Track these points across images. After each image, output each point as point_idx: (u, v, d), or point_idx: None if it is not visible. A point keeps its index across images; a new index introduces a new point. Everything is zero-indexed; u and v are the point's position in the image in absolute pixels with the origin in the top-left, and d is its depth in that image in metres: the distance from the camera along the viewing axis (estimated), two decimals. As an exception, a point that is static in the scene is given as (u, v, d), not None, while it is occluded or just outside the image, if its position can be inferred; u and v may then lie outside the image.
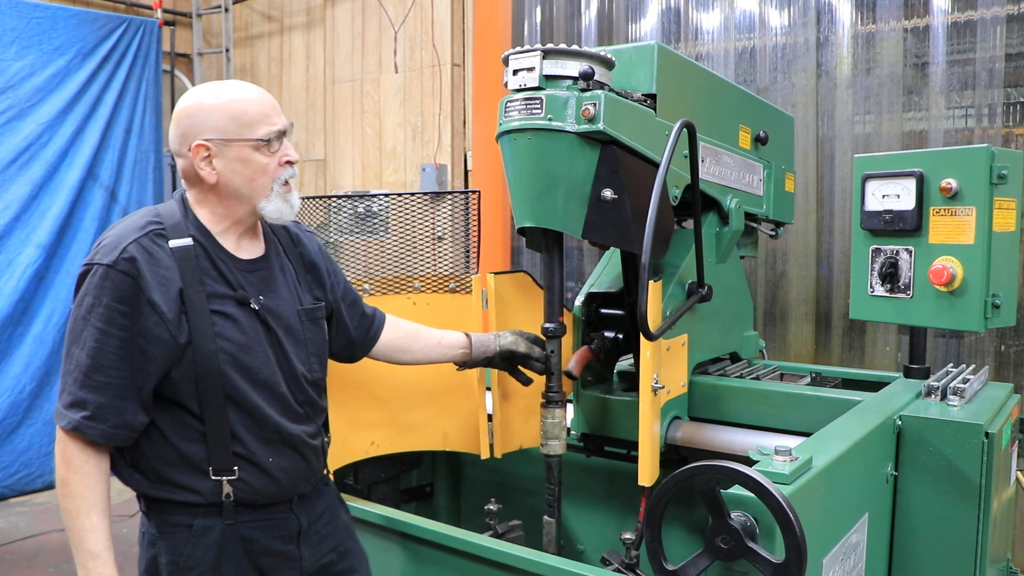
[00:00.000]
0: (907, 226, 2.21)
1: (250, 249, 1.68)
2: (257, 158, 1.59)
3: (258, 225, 1.71)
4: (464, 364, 2.04)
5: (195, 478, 1.57)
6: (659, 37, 4.14)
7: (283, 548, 1.67)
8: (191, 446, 1.56)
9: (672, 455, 2.14)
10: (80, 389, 1.50)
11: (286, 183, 1.64)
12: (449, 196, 2.55)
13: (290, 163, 1.64)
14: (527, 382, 2.08)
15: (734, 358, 2.54)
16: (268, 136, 1.60)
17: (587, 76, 1.80)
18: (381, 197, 2.64)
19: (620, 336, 2.27)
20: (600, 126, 1.79)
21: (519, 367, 2.07)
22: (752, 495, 1.33)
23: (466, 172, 5.12)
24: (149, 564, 1.62)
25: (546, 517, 2.03)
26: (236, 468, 1.58)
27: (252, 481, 1.60)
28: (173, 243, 1.55)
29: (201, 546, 1.58)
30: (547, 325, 2.02)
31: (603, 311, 2.32)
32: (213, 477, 1.57)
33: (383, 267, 2.45)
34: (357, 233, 2.60)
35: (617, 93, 1.87)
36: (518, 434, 2.26)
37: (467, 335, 2.02)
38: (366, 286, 2.17)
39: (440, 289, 2.23)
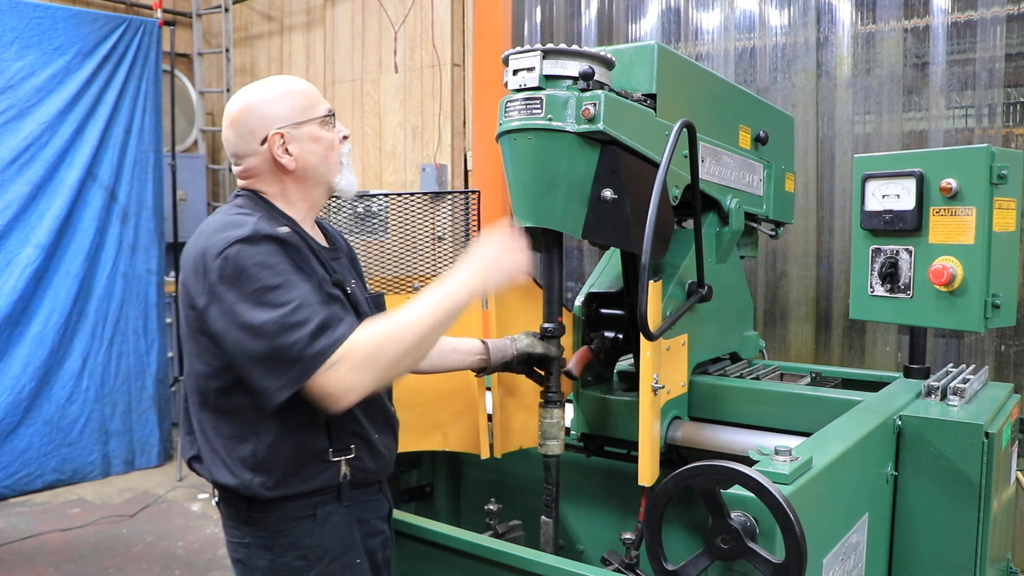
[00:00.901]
0: (907, 226, 2.21)
1: (319, 239, 1.73)
2: (325, 134, 1.68)
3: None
4: (483, 371, 2.04)
5: (317, 466, 1.58)
6: (659, 37, 4.14)
7: (382, 528, 1.73)
8: (316, 434, 1.58)
9: (672, 455, 2.14)
10: (300, 327, 1.42)
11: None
12: (449, 196, 2.55)
13: (345, 138, 1.73)
14: (543, 382, 2.06)
15: (734, 358, 2.54)
16: (329, 112, 1.69)
17: (587, 76, 1.80)
18: (380, 197, 2.65)
19: (620, 336, 2.26)
20: (600, 126, 1.78)
21: (535, 368, 2.06)
22: (752, 495, 1.33)
23: (466, 172, 5.12)
24: (267, 573, 1.59)
25: (544, 517, 2.03)
26: (353, 447, 1.62)
27: (364, 459, 1.64)
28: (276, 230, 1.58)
29: (326, 534, 1.60)
30: (546, 325, 2.02)
31: (603, 311, 2.32)
32: (333, 459, 1.59)
33: (383, 267, 2.45)
34: (357, 233, 2.60)
35: (617, 93, 1.86)
36: (518, 434, 2.26)
37: (482, 341, 2.01)
38: (366, 286, 2.17)
39: (440, 289, 2.23)
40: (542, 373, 2.05)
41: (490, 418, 2.21)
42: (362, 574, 1.67)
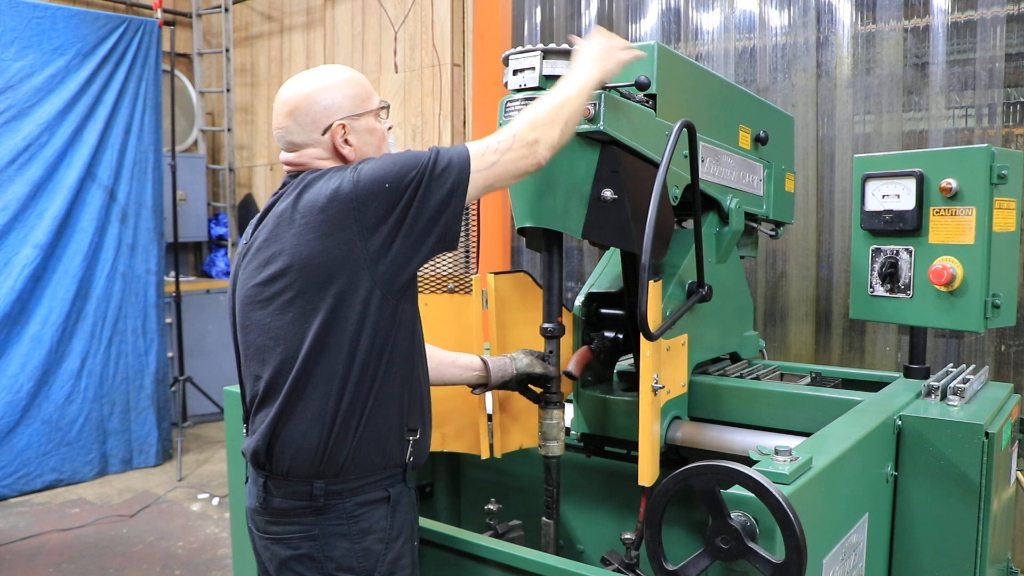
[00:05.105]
0: (907, 226, 2.21)
1: None
2: (378, 125, 1.73)
3: None
4: (483, 388, 2.01)
5: (393, 446, 1.60)
6: (659, 37, 4.15)
7: (417, 516, 1.75)
8: (400, 411, 1.61)
9: (672, 455, 2.14)
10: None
11: None
12: (449, 196, 2.54)
13: (390, 129, 1.77)
14: (538, 400, 2.06)
15: (734, 358, 2.54)
16: (383, 103, 1.73)
17: (587, 76, 1.79)
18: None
19: (620, 336, 2.26)
20: (600, 126, 1.78)
21: (530, 385, 2.05)
22: (752, 495, 1.33)
23: (466, 172, 5.10)
24: (343, 562, 1.57)
25: (544, 519, 2.03)
26: (418, 429, 1.65)
27: (422, 440, 1.67)
28: None
29: (398, 514, 1.63)
30: (546, 325, 2.02)
31: (603, 311, 2.31)
32: (407, 437, 1.62)
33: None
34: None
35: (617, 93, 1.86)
36: (518, 434, 2.25)
37: (482, 359, 2.00)
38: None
39: (439, 289, 2.23)
40: (537, 391, 2.05)
41: (490, 418, 2.21)
42: (417, 559, 1.71)
